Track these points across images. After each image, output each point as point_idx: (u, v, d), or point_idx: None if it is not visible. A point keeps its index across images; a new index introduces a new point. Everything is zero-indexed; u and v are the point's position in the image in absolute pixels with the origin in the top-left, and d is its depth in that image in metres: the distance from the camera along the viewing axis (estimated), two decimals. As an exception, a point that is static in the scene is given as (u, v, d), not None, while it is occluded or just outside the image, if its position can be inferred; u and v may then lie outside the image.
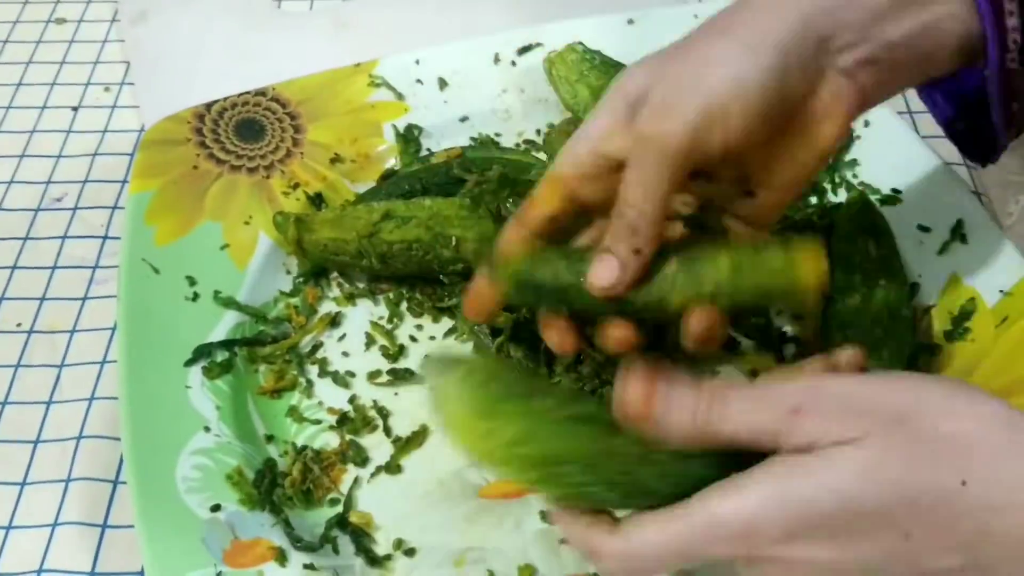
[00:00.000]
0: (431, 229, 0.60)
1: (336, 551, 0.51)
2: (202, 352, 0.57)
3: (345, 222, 0.61)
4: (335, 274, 0.64)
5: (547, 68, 0.72)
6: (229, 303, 0.60)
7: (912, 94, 0.76)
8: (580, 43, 0.71)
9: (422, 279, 0.63)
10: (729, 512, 0.37)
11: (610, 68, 0.70)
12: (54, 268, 0.67)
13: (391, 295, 0.63)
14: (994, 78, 0.47)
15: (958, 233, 0.62)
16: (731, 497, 0.37)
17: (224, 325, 0.59)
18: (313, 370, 0.60)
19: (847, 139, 0.68)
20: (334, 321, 0.62)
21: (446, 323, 0.62)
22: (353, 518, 0.53)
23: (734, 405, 0.38)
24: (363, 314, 0.62)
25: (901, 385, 0.38)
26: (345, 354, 0.60)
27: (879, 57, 0.45)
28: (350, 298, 0.63)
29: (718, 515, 0.37)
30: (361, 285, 0.63)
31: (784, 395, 0.38)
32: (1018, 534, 0.34)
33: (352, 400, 0.58)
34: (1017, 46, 0.46)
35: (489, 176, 0.63)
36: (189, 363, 0.57)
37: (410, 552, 0.52)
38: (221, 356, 0.58)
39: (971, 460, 0.35)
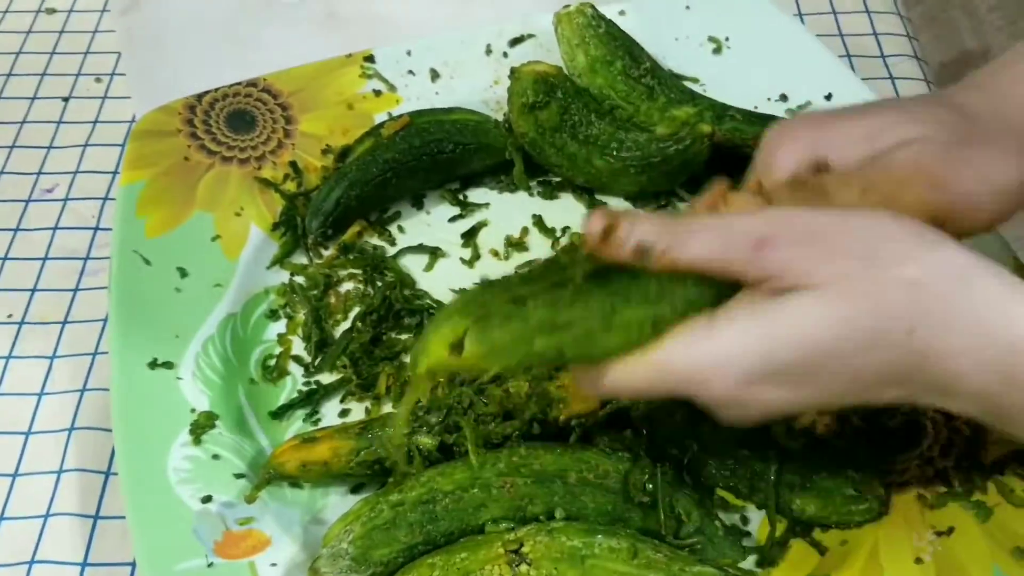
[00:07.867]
0: None
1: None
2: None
3: None
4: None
5: (554, 23, 0.71)
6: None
7: (897, 75, 0.77)
8: (591, 5, 0.70)
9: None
10: (693, 358, 0.40)
11: (613, 40, 0.69)
12: (45, 259, 0.67)
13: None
14: None
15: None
16: (695, 343, 0.40)
17: (215, 317, 0.59)
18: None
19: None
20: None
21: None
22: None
23: (698, 234, 0.40)
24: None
25: (867, 224, 0.40)
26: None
27: None
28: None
29: (676, 362, 0.40)
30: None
31: (750, 226, 0.40)
32: (944, 380, 0.39)
33: None
34: None
35: None
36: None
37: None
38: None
39: (920, 308, 0.38)
